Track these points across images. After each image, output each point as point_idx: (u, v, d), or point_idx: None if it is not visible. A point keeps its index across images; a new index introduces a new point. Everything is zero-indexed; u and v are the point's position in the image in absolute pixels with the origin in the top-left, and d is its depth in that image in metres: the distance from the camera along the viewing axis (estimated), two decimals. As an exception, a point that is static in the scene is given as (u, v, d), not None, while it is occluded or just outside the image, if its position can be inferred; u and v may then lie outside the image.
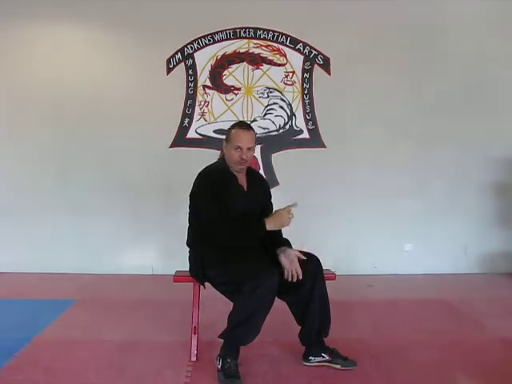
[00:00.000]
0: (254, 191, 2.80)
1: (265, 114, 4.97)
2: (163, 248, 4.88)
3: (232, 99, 4.95)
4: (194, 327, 2.79)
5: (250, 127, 2.78)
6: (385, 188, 4.93)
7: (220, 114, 4.94)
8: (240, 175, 2.78)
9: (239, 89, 4.96)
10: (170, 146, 4.93)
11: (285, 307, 2.72)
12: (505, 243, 5.06)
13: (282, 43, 4.97)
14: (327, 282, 2.71)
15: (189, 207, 2.81)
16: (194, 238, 2.79)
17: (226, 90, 4.96)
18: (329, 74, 4.97)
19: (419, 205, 4.95)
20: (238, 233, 2.60)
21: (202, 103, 4.95)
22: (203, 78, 4.95)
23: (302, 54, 4.98)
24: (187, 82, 4.94)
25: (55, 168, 4.93)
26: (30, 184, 4.91)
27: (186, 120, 4.94)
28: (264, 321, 2.52)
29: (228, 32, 4.95)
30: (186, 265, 2.83)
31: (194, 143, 4.92)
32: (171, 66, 4.93)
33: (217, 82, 4.96)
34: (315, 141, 4.97)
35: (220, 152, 4.55)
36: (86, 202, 4.90)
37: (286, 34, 4.95)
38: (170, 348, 2.94)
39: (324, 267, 2.72)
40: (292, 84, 4.99)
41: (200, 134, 4.93)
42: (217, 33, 4.94)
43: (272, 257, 2.66)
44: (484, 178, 5.02)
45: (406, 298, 4.11)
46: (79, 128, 4.88)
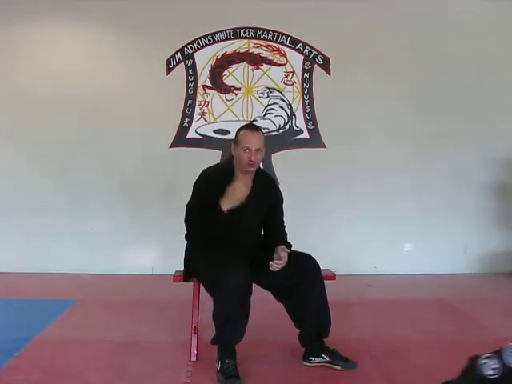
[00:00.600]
0: (257, 196, 2.71)
1: (265, 114, 4.97)
2: (163, 248, 4.88)
3: (232, 99, 4.95)
4: (194, 327, 2.79)
5: (259, 129, 2.74)
6: (385, 188, 4.93)
7: (220, 114, 4.93)
8: (246, 178, 2.70)
9: (239, 89, 4.96)
10: (170, 146, 4.93)
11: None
12: (505, 243, 5.06)
13: (282, 43, 4.97)
14: (327, 282, 2.71)
15: None
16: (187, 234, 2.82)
17: (226, 90, 4.96)
18: (329, 74, 4.97)
19: (419, 205, 4.95)
20: (198, 223, 2.61)
21: (202, 103, 4.95)
22: (203, 78, 4.95)
23: (302, 54, 4.98)
24: (187, 81, 4.94)
25: (55, 168, 4.93)
26: (30, 184, 4.91)
27: (186, 120, 4.94)
28: (246, 316, 2.50)
29: (228, 32, 4.95)
30: (186, 265, 2.84)
31: (193, 143, 4.91)
32: (171, 66, 4.93)
33: (217, 82, 4.96)
34: (315, 141, 4.97)
35: (221, 154, 4.56)
36: (86, 202, 4.90)
37: (286, 34, 4.96)
38: (170, 348, 2.94)
39: (324, 267, 2.72)
40: (292, 84, 4.98)
41: (200, 134, 4.93)
42: (217, 33, 4.94)
43: (263, 255, 2.62)
44: (484, 178, 5.03)
45: (406, 298, 4.11)
46: (79, 128, 4.88)
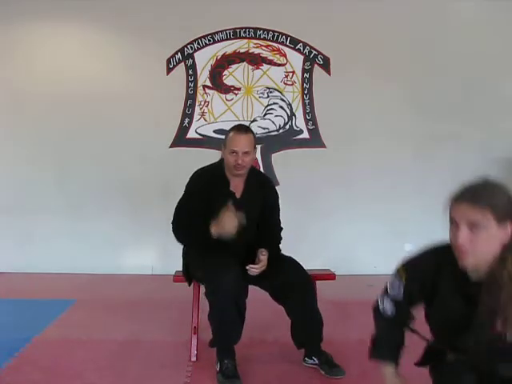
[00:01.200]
0: (248, 198, 2.67)
1: (265, 114, 4.97)
2: (163, 248, 4.86)
3: (232, 99, 4.95)
4: (194, 327, 2.79)
5: (248, 130, 2.67)
6: (385, 188, 4.92)
7: (220, 114, 4.94)
8: (237, 180, 2.67)
9: (239, 89, 4.96)
10: (170, 146, 4.93)
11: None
12: (505, 243, 5.05)
13: (282, 43, 4.97)
14: (327, 282, 2.71)
15: None
16: None
17: (226, 89, 4.96)
18: (329, 74, 4.97)
19: (419, 204, 4.93)
20: (186, 235, 2.64)
21: (202, 103, 4.95)
22: (203, 78, 4.95)
23: (302, 54, 4.97)
24: (187, 81, 4.94)
25: (55, 168, 4.93)
26: (30, 184, 4.91)
27: (186, 120, 4.94)
28: (241, 316, 2.49)
29: (228, 32, 4.94)
30: (186, 265, 2.83)
31: (193, 143, 4.91)
32: (171, 66, 4.93)
33: (217, 82, 4.96)
34: (315, 141, 4.97)
35: (221, 154, 4.56)
36: (86, 202, 4.90)
37: (286, 34, 4.95)
38: (170, 348, 2.94)
39: (324, 267, 2.72)
40: (292, 84, 4.98)
41: (200, 134, 4.93)
42: (217, 33, 4.94)
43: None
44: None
45: (406, 298, 4.10)
46: (79, 128, 4.88)
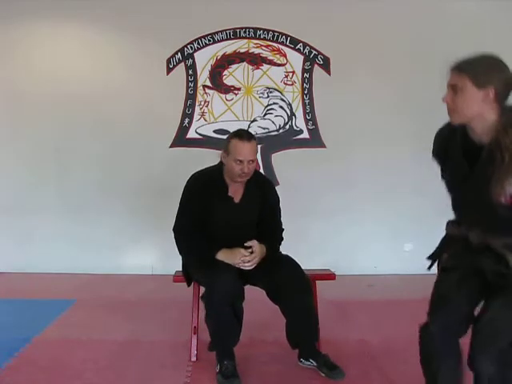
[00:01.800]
0: (248, 202, 2.65)
1: (265, 114, 4.97)
2: (163, 248, 4.85)
3: (232, 99, 4.95)
4: (194, 327, 2.79)
5: (251, 137, 2.61)
6: (385, 188, 4.92)
7: (220, 114, 4.94)
8: (236, 184, 2.65)
9: (239, 89, 4.96)
10: (170, 146, 4.93)
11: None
12: (505, 243, 5.05)
13: (282, 43, 4.97)
14: (327, 282, 2.70)
15: None
16: None
17: (226, 90, 4.96)
18: (329, 74, 4.97)
19: (419, 204, 4.92)
20: (187, 249, 2.63)
21: (202, 103, 4.95)
22: (203, 78, 4.95)
23: (302, 54, 4.97)
24: (187, 81, 4.94)
25: (55, 168, 4.93)
26: (29, 184, 4.91)
27: (186, 120, 4.94)
28: (238, 318, 2.49)
29: (228, 32, 4.94)
30: (186, 265, 2.83)
31: (194, 143, 4.91)
32: (171, 66, 4.93)
33: (217, 82, 4.96)
34: (315, 141, 4.97)
35: (221, 154, 4.56)
36: (86, 202, 4.89)
37: (286, 34, 4.95)
38: (170, 348, 2.94)
39: (324, 267, 2.71)
40: (292, 84, 4.98)
41: (200, 134, 4.93)
42: (217, 33, 4.93)
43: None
44: (484, 177, 5.01)
45: (406, 298, 4.10)
46: (79, 128, 4.88)
